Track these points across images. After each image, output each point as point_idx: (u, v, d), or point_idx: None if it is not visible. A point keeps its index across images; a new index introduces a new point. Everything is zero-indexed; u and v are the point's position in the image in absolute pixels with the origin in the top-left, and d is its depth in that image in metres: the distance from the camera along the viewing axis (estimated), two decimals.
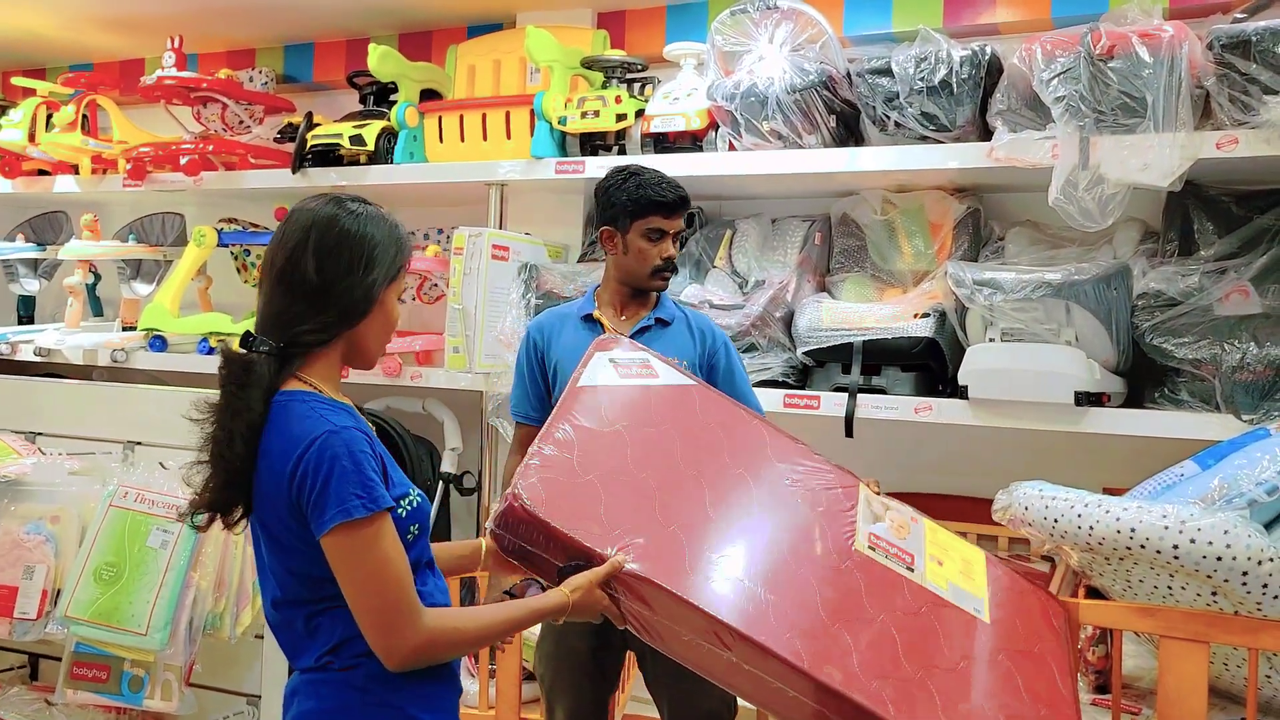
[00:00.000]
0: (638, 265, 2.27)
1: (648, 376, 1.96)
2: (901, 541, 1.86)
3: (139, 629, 2.35)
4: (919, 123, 2.60)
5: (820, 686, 1.54)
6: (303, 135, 3.35)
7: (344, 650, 1.50)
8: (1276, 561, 1.72)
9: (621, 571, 1.59)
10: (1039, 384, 2.39)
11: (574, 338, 2.29)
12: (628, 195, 2.24)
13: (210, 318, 3.50)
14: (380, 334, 1.60)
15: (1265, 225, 2.44)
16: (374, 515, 1.44)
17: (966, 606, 1.79)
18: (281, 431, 1.48)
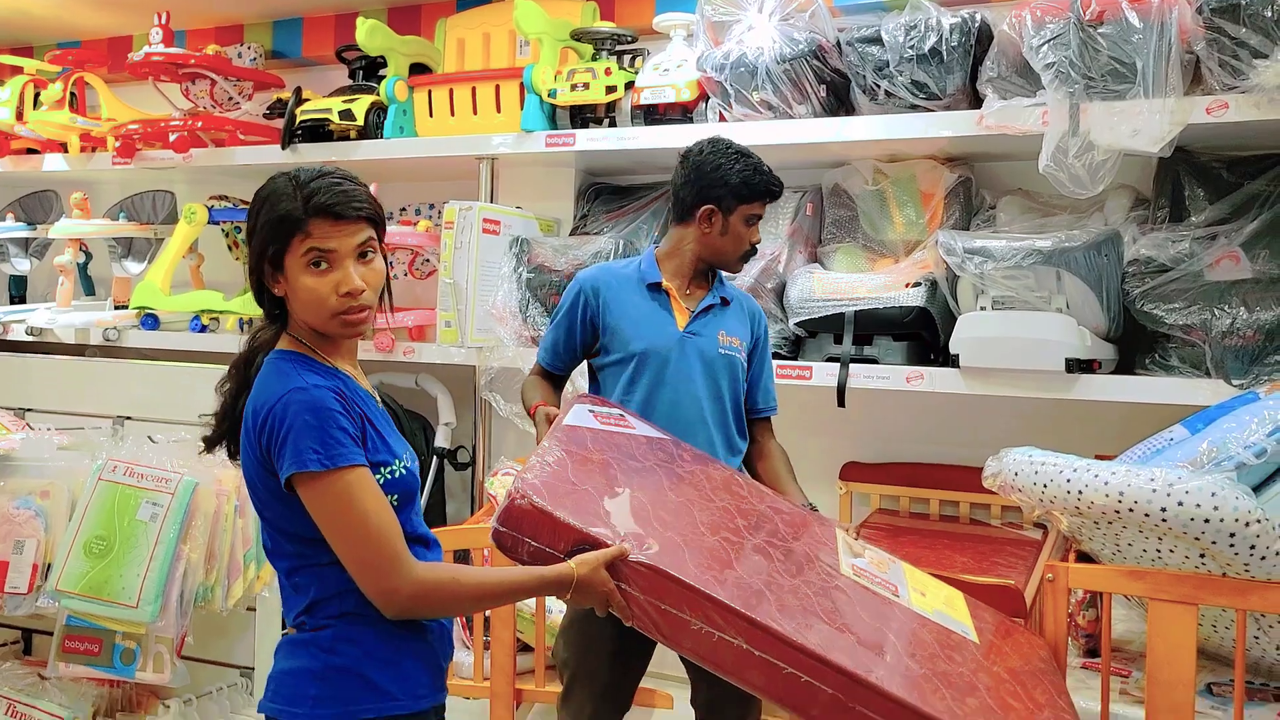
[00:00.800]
0: (733, 247, 2.24)
1: (625, 427, 2.02)
2: (884, 574, 1.89)
3: (130, 602, 2.36)
4: (909, 91, 2.59)
5: (835, 669, 1.53)
6: (292, 111, 3.34)
7: (317, 611, 1.53)
8: (1264, 523, 1.73)
9: (628, 559, 1.58)
10: (1030, 351, 2.40)
11: (638, 306, 2.24)
12: (741, 178, 2.19)
13: (202, 295, 3.49)
14: (305, 309, 1.54)
15: (1256, 191, 2.43)
16: (332, 470, 1.46)
17: (955, 629, 1.82)
18: (259, 389, 1.54)
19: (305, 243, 1.51)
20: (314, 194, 1.52)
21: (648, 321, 2.23)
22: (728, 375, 2.25)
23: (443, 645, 1.63)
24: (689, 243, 2.26)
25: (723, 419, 2.25)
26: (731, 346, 2.27)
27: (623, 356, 2.22)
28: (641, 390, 2.20)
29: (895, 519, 2.89)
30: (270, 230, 1.52)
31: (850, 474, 3.03)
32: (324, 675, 1.51)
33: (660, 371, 2.20)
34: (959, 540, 2.65)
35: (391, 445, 1.58)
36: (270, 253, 1.52)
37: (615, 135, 2.94)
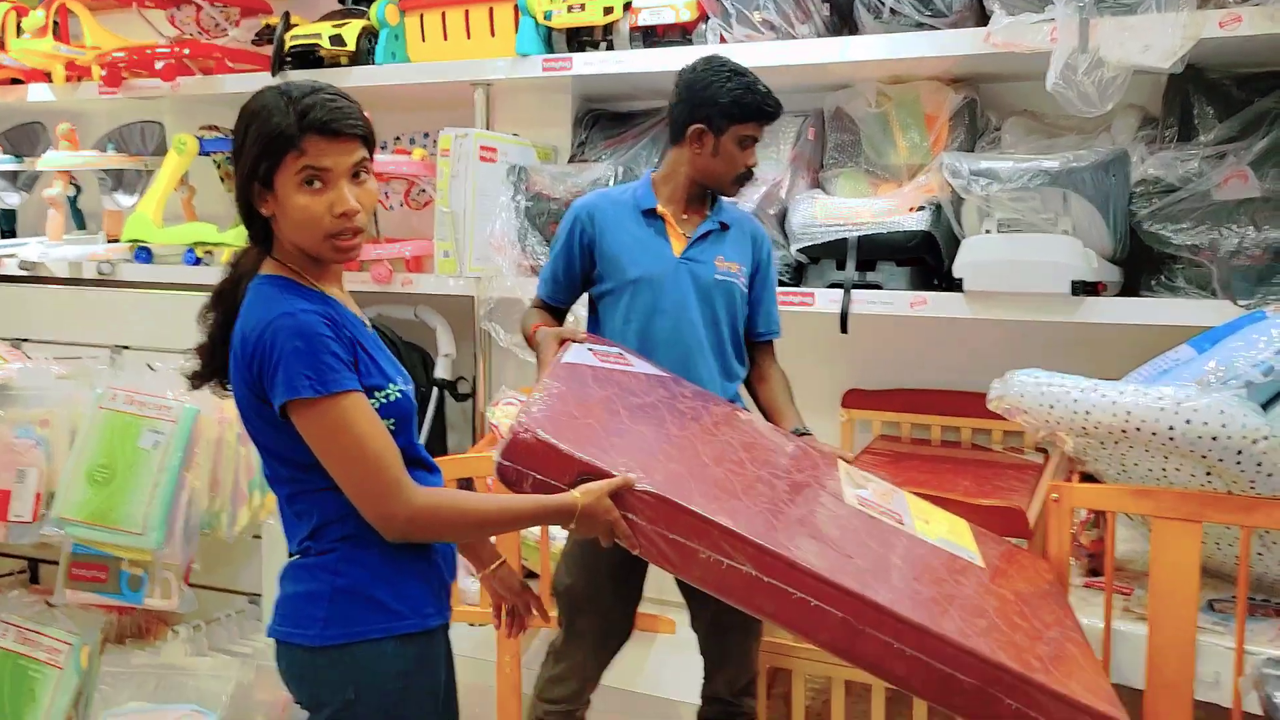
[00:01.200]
0: (725, 169, 2.18)
1: (624, 365, 2.00)
2: (888, 504, 1.89)
3: (135, 529, 2.37)
4: (914, 8, 2.53)
5: (844, 592, 1.53)
6: (280, 36, 3.26)
7: (321, 535, 1.53)
8: (1271, 440, 1.73)
9: (634, 488, 1.57)
10: (1036, 274, 2.37)
11: (634, 233, 2.21)
12: (733, 98, 2.12)
13: (195, 227, 3.44)
14: (295, 231, 1.50)
15: (1266, 108, 2.39)
16: (327, 396, 1.44)
17: (960, 555, 1.82)
18: (246, 315, 1.51)
19: (300, 160, 1.46)
20: (309, 110, 1.46)
21: (643, 248, 2.19)
22: (725, 302, 2.23)
23: (448, 565, 1.64)
24: (683, 164, 2.21)
25: (719, 346, 2.23)
26: (729, 273, 2.23)
27: (618, 284, 2.19)
28: (638, 318, 2.18)
29: (897, 445, 2.89)
30: (262, 146, 1.46)
31: (852, 401, 3.03)
32: (331, 597, 1.52)
33: (656, 299, 2.17)
34: (961, 465, 2.65)
35: (384, 369, 1.56)
36: (261, 170, 1.47)
37: (613, 59, 2.88)
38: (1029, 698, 1.51)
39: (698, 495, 1.61)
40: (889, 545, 1.73)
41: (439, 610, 1.61)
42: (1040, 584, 1.87)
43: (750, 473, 1.78)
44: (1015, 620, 1.67)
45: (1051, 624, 1.73)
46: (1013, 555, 1.95)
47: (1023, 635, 1.64)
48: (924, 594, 1.61)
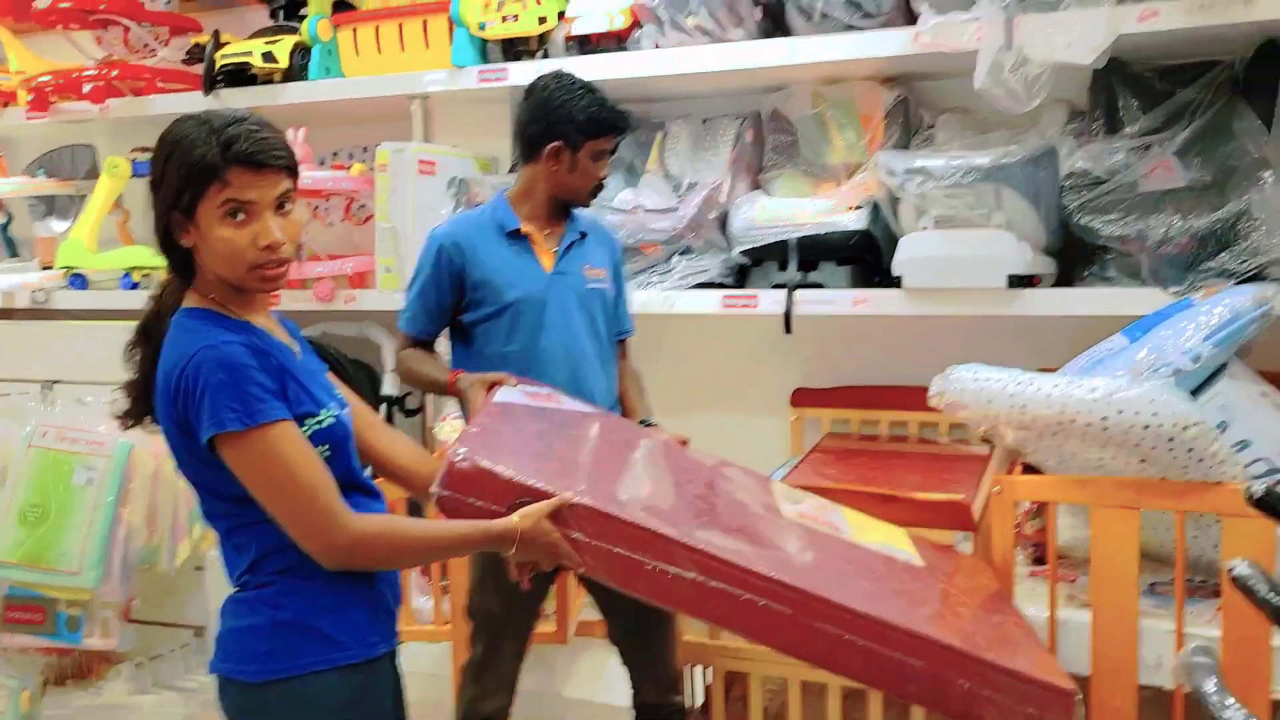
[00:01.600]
0: (582, 183, 2.23)
1: (556, 403, 2.02)
2: (825, 516, 1.92)
3: (71, 568, 2.32)
4: (845, 10, 2.55)
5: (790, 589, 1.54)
6: (211, 55, 3.22)
7: (260, 567, 1.51)
8: (1201, 426, 1.77)
9: (574, 503, 1.56)
10: (972, 269, 2.41)
11: (502, 255, 2.22)
12: (589, 114, 2.17)
13: (131, 251, 3.38)
14: (219, 263, 1.47)
15: (1187, 99, 2.44)
16: (253, 428, 1.42)
17: (899, 556, 1.86)
18: (169, 350, 1.49)
19: (223, 192, 1.43)
20: (232, 141, 1.44)
21: (515, 269, 2.21)
22: (600, 309, 2.29)
23: (393, 590, 1.62)
24: (540, 181, 2.24)
25: (602, 353, 2.29)
26: (598, 279, 2.30)
27: (497, 308, 2.20)
28: (521, 338, 2.20)
29: (846, 442, 2.92)
30: (184, 178, 1.43)
31: (801, 400, 3.05)
32: (272, 631, 1.50)
33: (538, 317, 2.20)
34: (909, 459, 2.68)
35: (316, 395, 1.54)
36: (183, 201, 1.44)
37: (548, 67, 2.87)
38: (980, 675, 1.54)
39: (638, 509, 1.62)
40: (830, 549, 1.76)
41: (384, 637, 1.59)
42: (980, 581, 1.90)
43: (689, 490, 1.80)
44: (959, 609, 1.70)
45: (994, 611, 1.76)
46: (952, 557, 1.99)
47: (967, 621, 1.68)
48: (868, 588, 1.64)
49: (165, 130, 1.50)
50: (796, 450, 3.03)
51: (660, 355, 3.27)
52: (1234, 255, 2.22)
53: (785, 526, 1.79)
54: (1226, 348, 1.96)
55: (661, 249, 2.81)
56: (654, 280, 2.81)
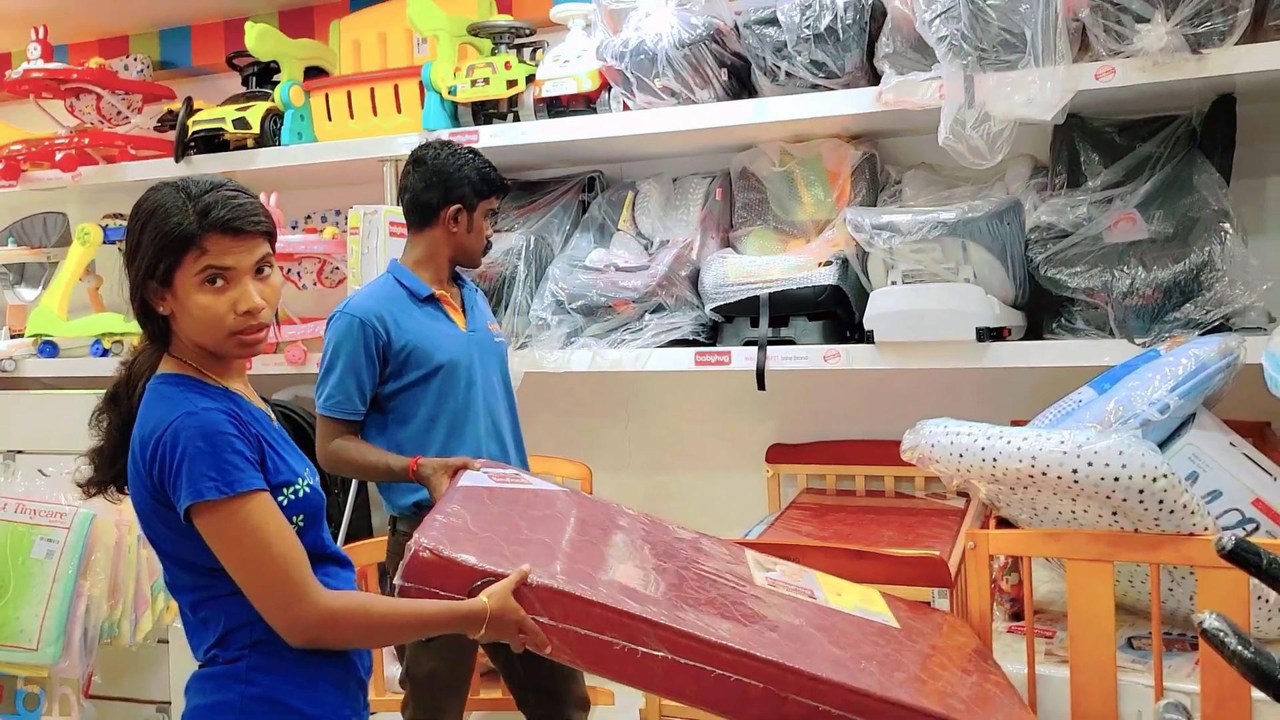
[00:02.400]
0: (476, 243, 2.35)
1: (521, 483, 2.01)
2: (798, 582, 1.91)
3: (29, 644, 2.27)
4: (809, 71, 2.59)
5: (761, 662, 1.52)
6: (183, 122, 3.23)
7: (229, 642, 1.47)
8: (1170, 478, 1.77)
9: (536, 584, 1.53)
10: (941, 323, 2.42)
11: (421, 321, 2.26)
12: (479, 174, 2.29)
13: (102, 318, 3.37)
14: (196, 330, 1.46)
15: (1147, 153, 2.48)
16: (232, 498, 1.40)
17: (875, 619, 1.84)
18: (145, 417, 1.46)
19: (201, 259, 1.43)
20: (210, 208, 1.43)
21: (438, 333, 2.27)
22: (505, 361, 2.42)
23: (364, 662, 1.59)
24: (440, 245, 2.32)
25: (510, 404, 2.40)
26: (499, 334, 2.43)
27: (426, 372, 2.23)
28: (452, 399, 2.25)
29: (822, 498, 2.91)
30: (161, 245, 1.42)
31: (776, 456, 3.04)
32: (242, 707, 1.46)
33: (467, 375, 2.27)
34: (885, 515, 2.67)
35: (292, 464, 1.52)
36: (160, 269, 1.43)
37: (519, 130, 2.91)
38: None
39: (603, 587, 1.59)
40: (802, 616, 1.73)
41: (356, 710, 1.56)
42: (958, 639, 1.88)
43: (658, 565, 1.78)
44: (935, 670, 1.67)
45: (971, 670, 1.74)
46: (928, 615, 1.97)
47: (943, 683, 1.65)
48: (842, 656, 1.61)
49: (140, 199, 1.49)
50: (773, 507, 3.01)
51: (634, 413, 3.27)
52: (1198, 306, 2.24)
53: (757, 596, 1.77)
54: (1194, 398, 1.97)
55: (633, 307, 2.82)
56: (626, 338, 2.81)
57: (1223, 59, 2.21)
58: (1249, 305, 2.23)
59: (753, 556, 1.98)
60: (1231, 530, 1.93)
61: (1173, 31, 2.18)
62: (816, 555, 2.09)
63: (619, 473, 3.25)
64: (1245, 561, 1.30)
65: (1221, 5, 2.15)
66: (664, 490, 3.25)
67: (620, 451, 3.28)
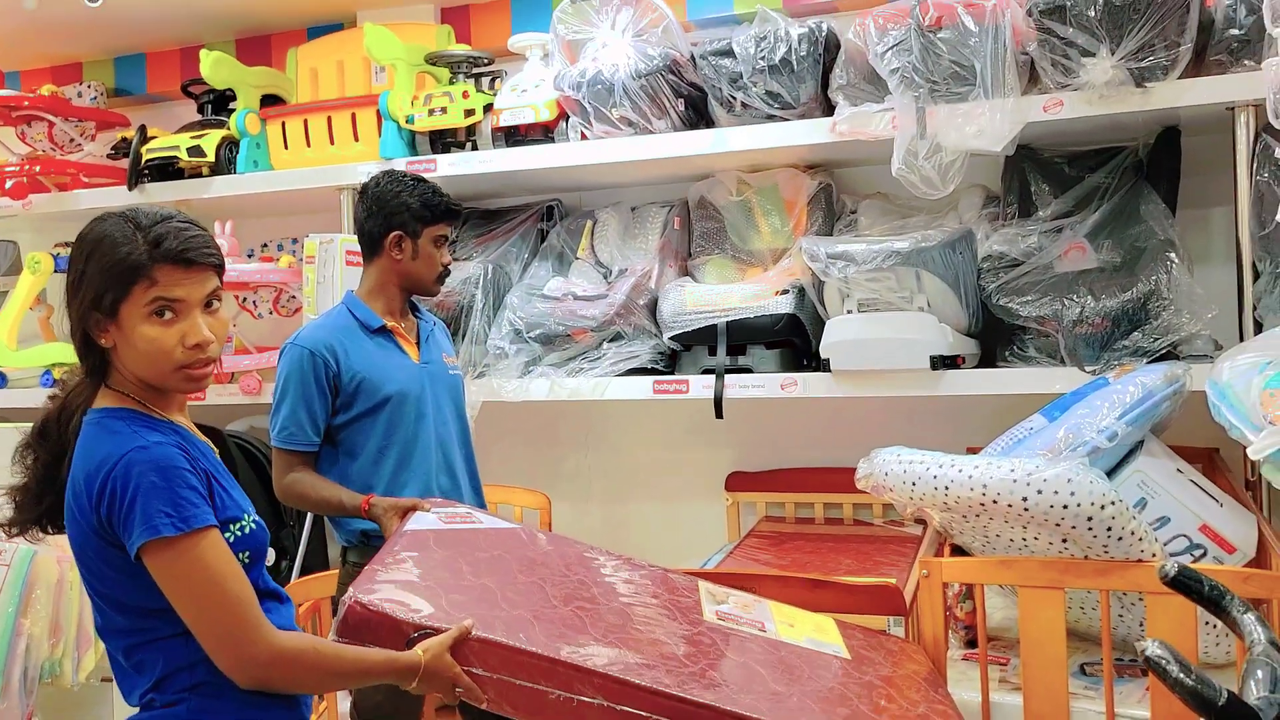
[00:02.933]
0: (426, 271, 2.33)
1: (472, 523, 2.00)
2: (749, 614, 1.90)
3: None
4: (764, 102, 2.62)
5: (697, 705, 1.50)
6: (137, 150, 3.20)
7: (167, 686, 1.44)
8: (1118, 504, 1.78)
9: (470, 637, 1.51)
10: (896, 351, 2.44)
11: (371, 352, 2.25)
12: (421, 201, 2.28)
13: (52, 348, 3.31)
14: (140, 363, 1.43)
15: (1096, 183, 2.53)
16: (187, 534, 1.37)
17: (826, 650, 1.84)
18: (90, 452, 1.42)
19: (150, 291, 1.40)
20: (162, 238, 1.41)
21: (388, 364, 2.27)
22: (460, 394, 2.39)
23: (306, 701, 1.56)
24: (389, 275, 2.32)
25: (464, 437, 2.39)
26: (455, 366, 2.41)
27: (374, 404, 2.23)
28: (402, 431, 2.24)
29: (781, 525, 2.91)
30: (108, 276, 1.39)
31: (735, 484, 3.04)
32: None
33: (418, 407, 2.26)
34: (842, 542, 2.68)
35: (238, 500, 1.50)
36: (106, 301, 1.40)
37: (477, 159, 2.91)
38: None
39: (541, 636, 1.57)
40: (746, 652, 1.72)
41: None
42: (908, 667, 1.88)
43: (602, 606, 1.76)
44: (880, 704, 1.67)
45: (919, 701, 1.74)
46: (881, 644, 1.97)
47: (892, 715, 1.65)
48: (784, 693, 1.61)
49: (84, 229, 1.46)
50: (732, 535, 3.01)
51: (593, 442, 3.26)
52: (1146, 334, 2.27)
53: (703, 633, 1.76)
54: (1141, 425, 2.00)
55: (592, 336, 2.82)
56: (585, 367, 2.81)
57: (1166, 92, 2.26)
58: (1195, 333, 2.28)
59: (705, 588, 1.97)
60: (1179, 556, 1.95)
61: (1117, 65, 2.23)
62: (773, 585, 2.09)
63: (578, 502, 3.24)
64: (1187, 588, 1.32)
65: (1164, 40, 2.21)
66: (623, 519, 3.23)
67: (579, 480, 3.27)
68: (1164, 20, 2.18)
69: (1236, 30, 2.24)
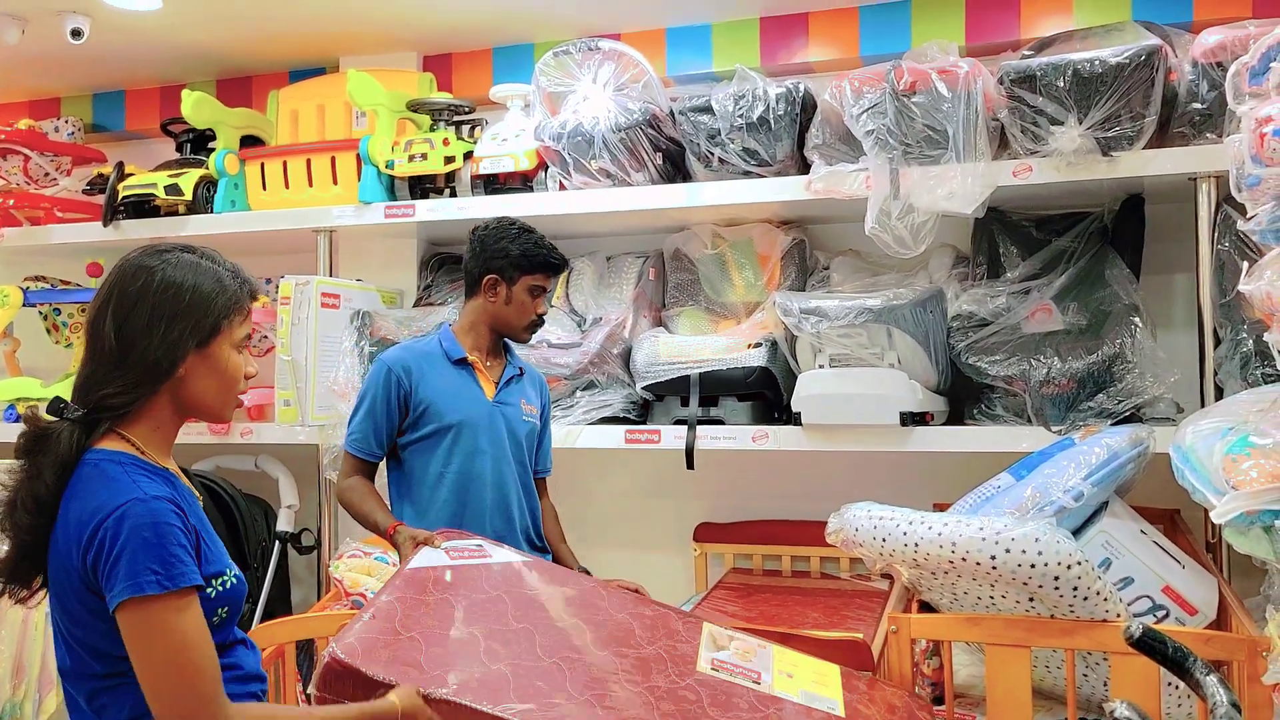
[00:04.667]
0: (517, 317, 2.37)
1: (480, 557, 2.00)
2: (747, 664, 1.90)
3: None
4: (741, 158, 2.67)
5: None
6: (113, 186, 3.20)
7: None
8: (1084, 565, 1.81)
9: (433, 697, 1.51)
10: (866, 407, 2.47)
11: (448, 380, 2.33)
12: (522, 250, 2.33)
13: (17, 383, 3.27)
14: (216, 391, 1.50)
15: (1063, 247, 2.59)
16: (170, 593, 1.35)
17: (820, 706, 1.82)
18: (86, 496, 1.40)
19: (245, 324, 1.53)
20: (246, 279, 1.55)
21: (459, 394, 2.33)
22: (528, 442, 2.42)
23: None
24: (481, 314, 2.38)
25: (525, 482, 2.41)
26: (531, 415, 2.43)
27: (437, 428, 2.30)
28: (460, 459, 2.30)
29: (749, 578, 2.91)
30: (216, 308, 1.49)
31: (704, 535, 3.04)
32: None
33: (475, 440, 2.31)
34: (810, 596, 2.68)
35: (220, 553, 1.49)
36: (207, 328, 1.47)
37: (455, 205, 2.93)
38: None
39: (512, 694, 1.57)
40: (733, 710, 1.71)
41: None
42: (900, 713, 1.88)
43: (588, 657, 1.75)
44: None
45: None
46: (881, 695, 1.95)
47: None
48: None
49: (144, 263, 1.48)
50: (700, 586, 3.01)
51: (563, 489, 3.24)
52: (1110, 396, 2.32)
53: (690, 687, 1.75)
54: (1106, 486, 2.03)
55: (565, 383, 2.83)
56: (558, 414, 2.82)
57: (1132, 162, 2.33)
58: (1158, 396, 2.33)
59: (709, 632, 1.96)
60: (1142, 617, 1.98)
61: (1085, 135, 2.29)
62: None
63: None
64: (1151, 649, 1.34)
65: (1130, 112, 2.28)
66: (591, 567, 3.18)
67: None
68: (1130, 93, 2.25)
69: (1199, 104, 2.31)
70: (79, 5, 2.93)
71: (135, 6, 2.93)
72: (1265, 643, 1.73)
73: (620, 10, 3.01)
